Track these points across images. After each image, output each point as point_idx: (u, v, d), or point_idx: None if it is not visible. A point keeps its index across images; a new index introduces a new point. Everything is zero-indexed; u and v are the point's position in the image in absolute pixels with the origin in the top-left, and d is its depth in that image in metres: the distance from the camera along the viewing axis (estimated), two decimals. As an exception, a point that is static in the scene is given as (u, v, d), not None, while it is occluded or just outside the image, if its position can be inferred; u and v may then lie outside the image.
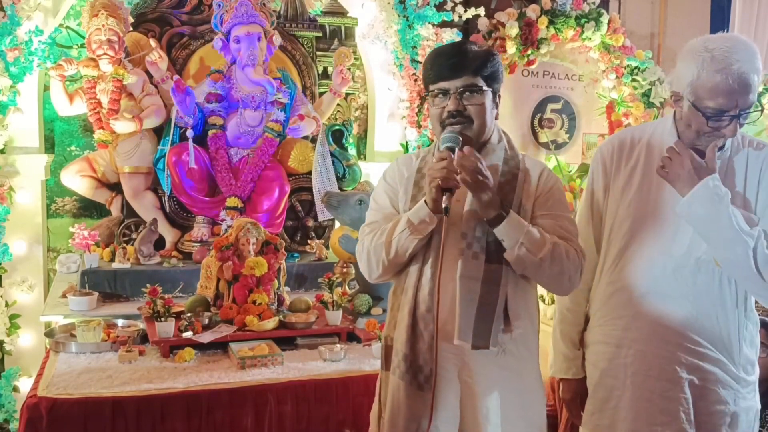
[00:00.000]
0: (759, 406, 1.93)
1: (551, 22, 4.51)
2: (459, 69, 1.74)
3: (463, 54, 1.76)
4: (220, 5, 3.56)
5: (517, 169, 1.81)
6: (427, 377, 1.73)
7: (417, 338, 1.74)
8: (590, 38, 4.66)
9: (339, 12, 4.24)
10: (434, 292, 1.73)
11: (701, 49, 1.76)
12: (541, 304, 4.22)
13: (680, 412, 1.83)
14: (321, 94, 4.04)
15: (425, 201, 1.71)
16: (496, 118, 1.84)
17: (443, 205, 1.66)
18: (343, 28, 4.22)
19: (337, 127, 3.87)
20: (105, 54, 3.47)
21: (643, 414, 1.86)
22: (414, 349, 1.74)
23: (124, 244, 3.48)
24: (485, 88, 1.76)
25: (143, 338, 2.69)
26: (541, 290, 4.26)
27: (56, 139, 3.99)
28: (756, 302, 1.90)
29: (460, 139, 1.74)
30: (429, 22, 4.14)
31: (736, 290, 1.83)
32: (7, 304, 3.59)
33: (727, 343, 1.83)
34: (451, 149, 1.71)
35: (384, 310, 2.82)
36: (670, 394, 1.84)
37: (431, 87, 1.79)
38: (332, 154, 3.74)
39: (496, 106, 1.83)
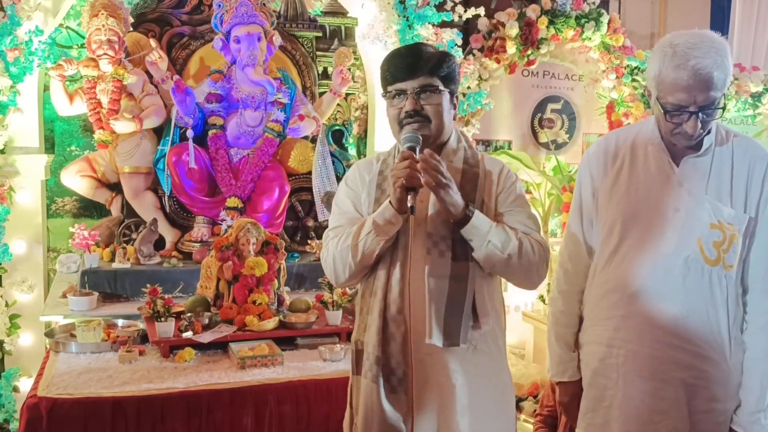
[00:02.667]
0: None
1: (551, 22, 4.51)
2: (415, 69, 1.76)
3: (419, 54, 1.78)
4: (220, 5, 3.56)
5: (477, 168, 1.84)
6: (400, 380, 1.74)
7: (388, 340, 1.74)
8: (590, 38, 4.66)
9: (339, 12, 4.24)
10: (405, 293, 1.73)
11: (666, 44, 1.77)
12: (540, 304, 4.22)
13: (672, 411, 1.83)
14: (321, 94, 4.04)
15: (390, 202, 1.71)
16: (455, 119, 1.87)
17: (408, 204, 1.66)
18: (343, 28, 4.22)
19: (337, 127, 3.87)
20: (105, 54, 3.47)
21: (635, 413, 1.86)
22: (386, 352, 1.74)
23: (124, 244, 3.48)
24: (442, 88, 1.78)
25: (143, 338, 2.69)
26: (541, 290, 4.27)
27: (56, 139, 3.99)
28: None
29: (421, 138, 1.75)
30: (429, 22, 4.13)
31: (727, 289, 1.82)
32: (7, 304, 3.59)
33: (718, 342, 1.82)
34: (413, 149, 1.72)
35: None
36: (662, 393, 1.84)
37: (389, 88, 1.80)
38: (332, 154, 3.74)
39: (454, 107, 1.85)
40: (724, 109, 1.77)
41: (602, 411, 1.93)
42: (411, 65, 1.76)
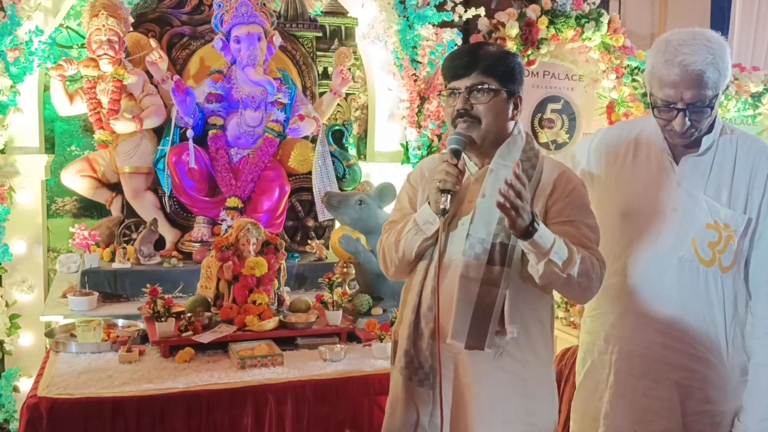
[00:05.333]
0: None
1: (551, 22, 4.51)
2: (468, 68, 1.75)
3: (474, 53, 1.77)
4: (220, 5, 3.56)
5: (532, 170, 1.77)
6: (426, 374, 1.76)
7: (419, 336, 1.77)
8: (590, 38, 4.66)
9: (339, 12, 4.24)
10: (436, 291, 1.74)
11: (661, 41, 1.78)
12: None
13: (664, 411, 1.83)
14: (321, 94, 4.04)
15: (428, 202, 1.74)
16: (513, 119, 1.81)
17: (441, 207, 1.67)
18: (343, 28, 4.22)
19: (337, 127, 3.87)
20: (105, 54, 3.47)
21: (625, 411, 1.87)
22: (415, 346, 1.78)
23: (124, 244, 3.48)
24: (496, 87, 1.74)
25: (143, 338, 2.69)
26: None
27: (56, 139, 3.99)
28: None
29: (465, 140, 1.75)
30: (429, 22, 4.14)
31: (723, 291, 1.81)
32: (7, 304, 3.59)
33: (714, 343, 1.81)
34: (456, 151, 1.72)
35: (384, 310, 2.83)
36: (653, 392, 1.84)
37: (446, 87, 1.81)
38: (332, 154, 3.74)
39: (515, 106, 1.80)
40: (712, 108, 1.75)
41: (595, 402, 1.95)
42: (465, 64, 1.75)
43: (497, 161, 1.78)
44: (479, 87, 1.74)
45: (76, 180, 3.66)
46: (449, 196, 1.67)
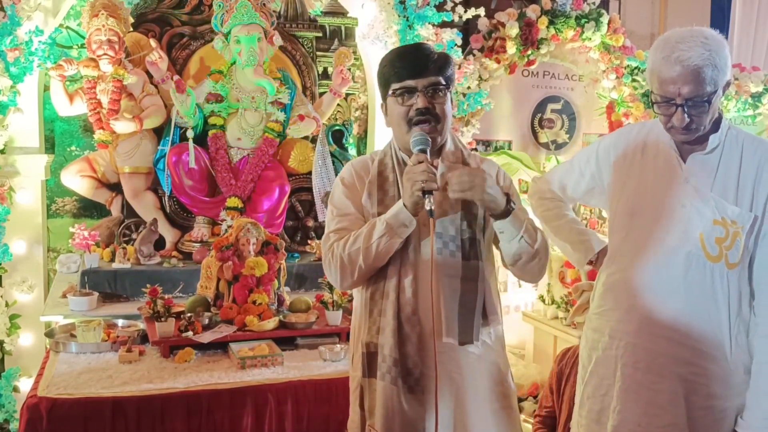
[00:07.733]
0: None
1: (551, 23, 4.51)
2: (425, 68, 1.77)
3: (427, 54, 1.79)
4: (220, 5, 3.56)
5: (477, 168, 1.86)
6: (417, 380, 1.74)
7: (405, 341, 1.74)
8: (590, 38, 4.66)
9: (339, 12, 4.24)
10: (418, 294, 1.75)
11: (661, 39, 1.81)
12: (540, 304, 4.22)
13: (669, 406, 1.83)
14: (321, 94, 4.04)
15: (404, 204, 1.70)
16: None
17: (428, 208, 1.66)
18: (343, 29, 4.23)
19: (337, 128, 3.87)
20: (105, 54, 3.48)
21: (632, 405, 1.87)
22: (403, 353, 1.74)
23: (124, 244, 3.48)
24: (448, 88, 1.80)
25: (143, 338, 2.69)
26: (541, 290, 4.27)
27: (56, 139, 3.99)
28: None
29: (430, 140, 1.76)
30: (429, 23, 4.13)
31: (729, 287, 1.82)
32: (7, 304, 3.59)
33: (719, 339, 1.82)
34: (424, 152, 1.73)
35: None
36: (658, 387, 1.84)
37: (395, 86, 1.79)
38: (332, 154, 3.74)
39: (453, 108, 1.89)
40: (710, 103, 1.76)
41: (599, 399, 1.95)
42: (421, 63, 1.76)
43: (447, 160, 1.84)
44: (438, 87, 1.77)
45: (76, 180, 3.66)
46: (431, 196, 1.67)
